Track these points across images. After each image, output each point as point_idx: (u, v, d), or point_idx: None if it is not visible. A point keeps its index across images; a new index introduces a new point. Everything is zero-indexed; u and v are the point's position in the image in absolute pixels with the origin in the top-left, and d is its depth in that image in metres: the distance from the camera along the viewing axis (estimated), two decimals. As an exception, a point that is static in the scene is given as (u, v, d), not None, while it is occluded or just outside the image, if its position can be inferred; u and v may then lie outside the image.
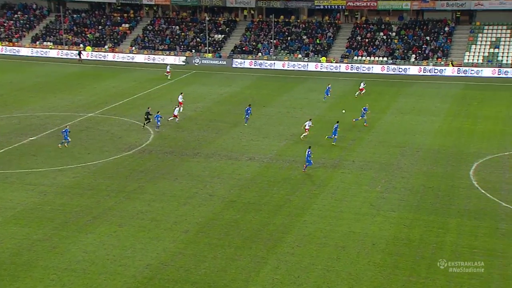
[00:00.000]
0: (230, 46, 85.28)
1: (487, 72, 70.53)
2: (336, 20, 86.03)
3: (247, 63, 79.90)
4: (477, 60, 73.77)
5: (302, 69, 77.43)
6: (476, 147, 43.58)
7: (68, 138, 43.70)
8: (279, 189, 36.18)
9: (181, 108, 52.62)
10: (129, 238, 29.44)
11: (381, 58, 77.04)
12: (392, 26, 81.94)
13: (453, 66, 72.50)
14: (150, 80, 70.14)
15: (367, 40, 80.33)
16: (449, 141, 45.26)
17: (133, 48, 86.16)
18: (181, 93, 55.54)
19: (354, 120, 49.78)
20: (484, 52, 74.41)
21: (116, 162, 40.73)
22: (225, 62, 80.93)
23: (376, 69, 74.85)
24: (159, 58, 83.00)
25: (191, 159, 41.66)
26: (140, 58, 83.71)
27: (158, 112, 48.60)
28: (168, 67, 72.68)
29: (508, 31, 76.07)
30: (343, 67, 76.23)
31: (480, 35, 76.84)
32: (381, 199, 34.35)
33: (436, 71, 72.42)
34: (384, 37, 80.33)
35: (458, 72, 71.46)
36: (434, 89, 64.56)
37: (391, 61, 75.86)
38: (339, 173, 38.85)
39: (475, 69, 71.03)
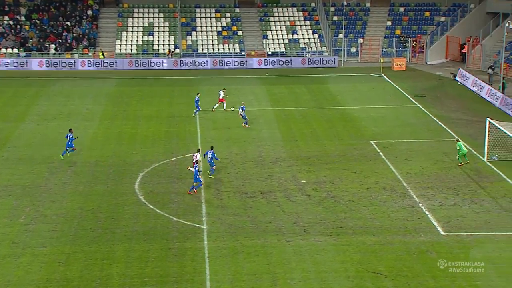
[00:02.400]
0: None
1: (143, 64, 74.37)
2: None
3: None
4: (131, 50, 77.26)
5: None
6: (140, 154, 45.31)
7: None
8: None
9: None
10: None
11: (10, 50, 74.92)
12: (21, 8, 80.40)
13: (104, 57, 74.50)
14: None
15: (-11, 26, 77.58)
16: (108, 150, 46.17)
17: None
18: None
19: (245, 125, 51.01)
20: (138, 40, 78.19)
21: None
22: None
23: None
24: None
25: None
26: None
27: None
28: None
29: (162, 14, 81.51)
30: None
31: (130, 19, 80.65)
32: (26, 232, 33.35)
33: (64, 64, 73.27)
34: (11, 22, 78.36)
35: (112, 65, 73.51)
36: (84, 88, 65.77)
37: (25, 54, 74.35)
38: (-34, 206, 36.27)
39: (126, 60, 74.37)
